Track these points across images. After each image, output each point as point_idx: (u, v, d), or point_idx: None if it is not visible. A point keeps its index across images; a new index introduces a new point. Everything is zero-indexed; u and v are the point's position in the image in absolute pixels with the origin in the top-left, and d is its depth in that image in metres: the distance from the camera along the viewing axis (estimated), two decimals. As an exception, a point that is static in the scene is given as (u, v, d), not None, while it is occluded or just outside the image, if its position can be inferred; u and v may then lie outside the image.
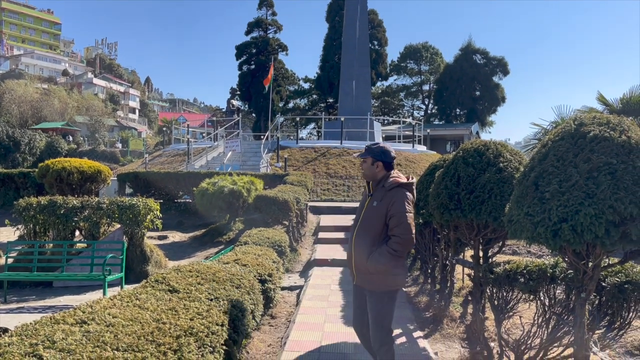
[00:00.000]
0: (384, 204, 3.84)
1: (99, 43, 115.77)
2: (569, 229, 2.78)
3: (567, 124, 3.09)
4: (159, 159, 25.98)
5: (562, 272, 3.81)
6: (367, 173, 4.03)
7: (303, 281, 9.13)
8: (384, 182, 3.93)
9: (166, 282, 3.62)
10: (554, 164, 2.95)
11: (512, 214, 3.22)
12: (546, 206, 2.88)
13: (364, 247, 3.83)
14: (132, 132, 67.75)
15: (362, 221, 3.93)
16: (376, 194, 3.93)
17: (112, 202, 9.79)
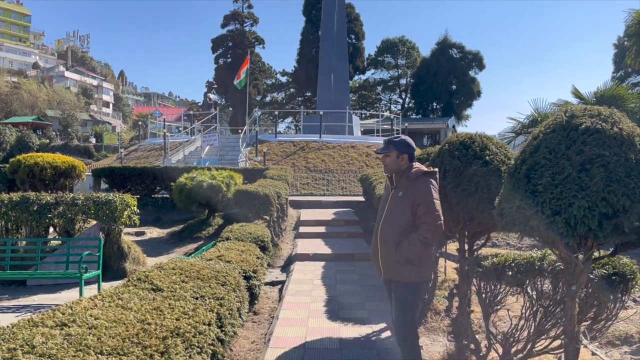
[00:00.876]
0: (409, 193, 3.85)
1: (70, 35, 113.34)
2: (562, 222, 2.75)
3: (558, 116, 3.06)
4: (135, 154, 25.54)
5: (551, 265, 3.81)
6: (392, 167, 4.00)
7: (285, 276, 9.04)
8: (407, 173, 3.94)
9: (149, 280, 3.50)
10: (546, 157, 2.92)
11: (503, 207, 3.19)
12: (539, 199, 2.84)
13: (392, 238, 3.82)
14: (106, 126, 66.48)
15: (387, 213, 3.92)
16: (400, 185, 3.93)
17: (87, 198, 9.55)
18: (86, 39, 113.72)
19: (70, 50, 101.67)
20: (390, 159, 3.98)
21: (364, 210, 14.42)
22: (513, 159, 4.75)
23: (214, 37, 58.74)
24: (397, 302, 3.83)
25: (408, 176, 3.90)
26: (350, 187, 18.56)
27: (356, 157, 20.95)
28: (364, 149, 21.80)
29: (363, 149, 21.79)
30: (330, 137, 22.73)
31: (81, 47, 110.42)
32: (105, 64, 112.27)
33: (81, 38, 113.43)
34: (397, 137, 4.11)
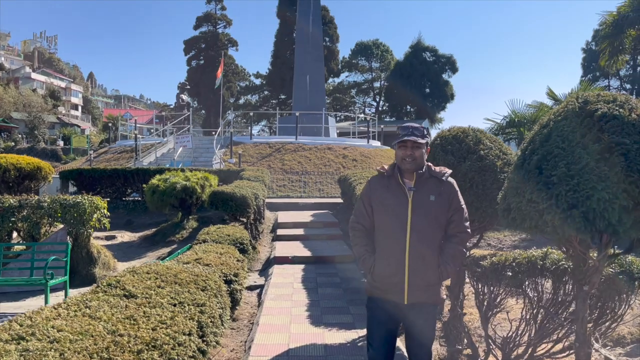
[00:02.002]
0: (444, 197, 3.19)
1: (37, 36, 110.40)
2: (579, 215, 2.51)
3: (570, 102, 2.83)
4: (105, 156, 24.78)
5: (554, 264, 3.59)
6: (420, 162, 3.22)
7: (264, 280, 8.70)
8: (431, 172, 3.25)
9: (121, 285, 3.15)
10: (559, 146, 2.69)
11: (510, 202, 2.95)
12: (553, 191, 2.61)
13: (430, 254, 3.15)
14: (74, 129, 64.79)
15: (414, 222, 3.13)
16: (424, 186, 3.20)
17: (54, 201, 9.06)
18: (54, 40, 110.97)
19: (37, 51, 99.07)
20: (420, 151, 3.21)
21: (343, 211, 14.17)
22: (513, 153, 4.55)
23: (187, 38, 57.90)
24: (426, 325, 3.23)
25: (434, 176, 3.23)
26: (328, 189, 18.29)
27: (333, 158, 20.71)
28: (340, 150, 21.57)
29: (340, 150, 21.56)
30: (307, 139, 22.44)
31: (48, 48, 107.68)
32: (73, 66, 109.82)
33: (48, 39, 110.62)
34: (414, 125, 3.33)
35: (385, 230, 3.23)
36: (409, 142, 3.18)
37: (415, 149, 3.19)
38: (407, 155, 3.19)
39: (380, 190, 3.29)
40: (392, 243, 3.18)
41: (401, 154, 3.22)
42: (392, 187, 3.24)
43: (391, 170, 3.31)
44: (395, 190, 3.23)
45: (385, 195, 3.25)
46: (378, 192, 3.29)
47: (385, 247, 3.23)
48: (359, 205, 3.41)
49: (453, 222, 3.20)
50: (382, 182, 3.30)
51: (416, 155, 3.20)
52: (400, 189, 3.21)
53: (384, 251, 3.22)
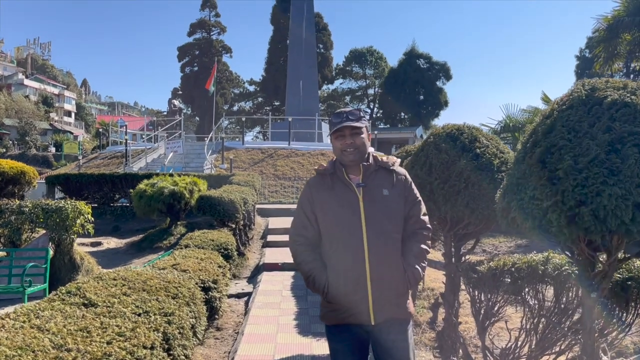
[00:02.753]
0: (398, 189, 2.72)
1: (30, 43, 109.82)
2: (589, 214, 2.24)
3: (576, 90, 2.57)
4: (95, 162, 24.41)
5: (556, 269, 3.32)
6: (363, 150, 2.75)
7: (252, 287, 8.39)
8: (376, 162, 2.78)
9: (81, 293, 2.84)
10: (565, 137, 2.42)
11: (510, 200, 2.67)
12: (559, 187, 2.33)
13: (394, 257, 2.64)
14: (67, 135, 64.28)
15: (369, 221, 2.62)
16: (374, 179, 2.72)
17: (35, 205, 8.75)
18: (47, 47, 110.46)
19: (31, 58, 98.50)
20: (361, 138, 2.74)
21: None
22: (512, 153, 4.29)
23: (180, 45, 57.72)
24: (402, 348, 2.65)
25: (383, 167, 2.77)
26: (320, 195, 17.99)
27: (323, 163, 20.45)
28: (333, 156, 21.32)
29: (332, 155, 21.29)
30: (300, 145, 22.17)
31: (42, 55, 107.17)
32: (67, 72, 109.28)
33: (42, 45, 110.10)
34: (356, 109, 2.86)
35: (337, 239, 2.66)
36: (346, 130, 2.72)
37: (355, 136, 2.72)
38: (346, 145, 2.71)
39: (323, 192, 2.76)
40: (346, 252, 2.62)
41: (340, 145, 2.75)
42: (337, 187, 2.72)
43: (332, 167, 2.81)
44: (341, 189, 2.72)
45: (330, 198, 2.72)
46: (321, 195, 2.76)
47: (338, 259, 2.64)
48: (298, 214, 2.85)
49: (412, 217, 2.74)
50: (323, 183, 2.78)
51: (357, 143, 2.72)
52: (347, 187, 2.70)
53: (338, 264, 2.64)
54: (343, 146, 2.75)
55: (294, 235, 2.85)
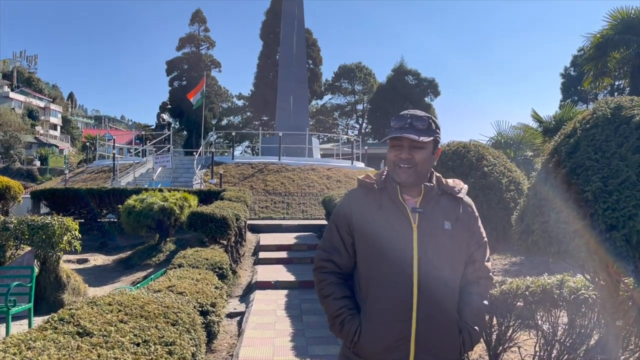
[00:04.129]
0: (464, 224, 2.15)
1: (17, 56, 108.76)
2: (621, 239, 2.13)
3: (599, 108, 2.47)
4: (82, 176, 24.04)
5: (572, 293, 3.20)
6: (424, 170, 2.13)
7: (244, 307, 8.18)
8: (439, 185, 2.20)
9: (75, 320, 2.66)
10: (592, 157, 2.31)
11: (530, 222, 2.56)
12: (587, 210, 2.22)
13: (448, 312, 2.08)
14: (52, 149, 63.58)
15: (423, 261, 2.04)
16: (435, 206, 2.13)
17: (20, 222, 8.51)
18: (34, 60, 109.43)
19: (17, 71, 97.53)
20: (424, 154, 2.11)
21: (327, 234, 13.70)
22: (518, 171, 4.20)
23: (169, 59, 57.62)
24: None
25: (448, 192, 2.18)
26: (311, 211, 17.84)
27: (317, 179, 20.31)
28: (324, 171, 21.20)
29: (323, 171, 21.19)
30: (290, 160, 22.04)
31: (28, 68, 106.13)
32: (53, 86, 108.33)
33: (29, 59, 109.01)
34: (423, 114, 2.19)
35: (377, 276, 2.08)
36: (405, 140, 2.09)
37: (416, 150, 2.09)
38: (402, 158, 2.09)
39: (367, 209, 2.15)
40: (388, 297, 2.05)
41: (393, 157, 2.13)
42: (386, 207, 2.11)
43: (382, 182, 2.18)
44: (391, 211, 2.09)
45: (375, 219, 2.10)
46: (364, 212, 2.14)
47: (378, 302, 2.07)
48: (330, 232, 2.25)
49: (474, 262, 2.17)
50: (369, 197, 2.17)
51: (417, 159, 2.08)
52: (400, 211, 2.08)
53: (377, 310, 2.07)
54: (397, 159, 2.11)
55: (321, 260, 2.25)
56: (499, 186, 3.90)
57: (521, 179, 3.92)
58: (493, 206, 3.83)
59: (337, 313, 2.12)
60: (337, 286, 2.17)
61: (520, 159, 13.56)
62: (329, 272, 2.20)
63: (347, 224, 2.18)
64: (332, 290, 2.17)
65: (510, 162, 4.23)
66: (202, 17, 58.11)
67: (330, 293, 2.17)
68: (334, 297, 2.15)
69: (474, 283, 2.17)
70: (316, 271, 2.25)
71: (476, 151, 4.12)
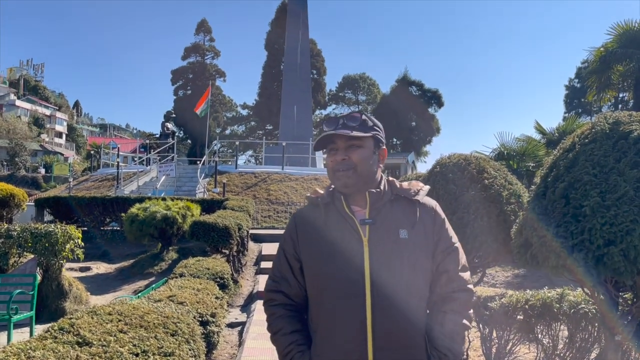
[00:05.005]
0: (424, 229, 1.86)
1: (23, 64, 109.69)
2: (618, 254, 2.13)
3: (598, 123, 2.49)
4: (85, 184, 24.14)
5: (572, 307, 3.19)
6: (366, 171, 1.88)
7: (245, 317, 8.18)
8: (392, 189, 1.93)
9: (75, 330, 2.67)
10: (590, 172, 2.33)
11: (529, 237, 2.56)
12: (585, 224, 2.23)
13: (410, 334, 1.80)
14: (57, 157, 63.89)
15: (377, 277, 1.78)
16: (387, 214, 1.87)
17: (24, 229, 8.55)
18: (40, 68, 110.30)
19: (23, 79, 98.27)
20: (364, 153, 1.88)
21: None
22: (519, 184, 4.21)
23: (174, 68, 57.96)
24: None
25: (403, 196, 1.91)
26: (314, 221, 17.84)
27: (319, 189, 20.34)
28: (327, 181, 21.21)
29: (326, 181, 21.17)
30: (293, 169, 22.09)
31: (35, 76, 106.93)
32: (59, 94, 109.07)
33: (35, 67, 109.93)
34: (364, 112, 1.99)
35: (326, 301, 1.84)
36: (338, 141, 1.87)
37: (352, 149, 1.86)
38: (337, 161, 1.86)
39: (312, 230, 1.92)
40: (339, 325, 1.80)
41: (330, 163, 1.90)
42: (333, 222, 1.87)
43: (329, 195, 1.93)
44: (337, 226, 1.86)
45: (320, 238, 1.87)
46: (309, 233, 1.92)
47: (328, 333, 1.83)
48: (279, 259, 2.05)
49: (443, 272, 1.85)
50: (315, 215, 1.94)
51: (354, 159, 1.84)
52: (347, 224, 1.85)
53: (327, 341, 1.83)
54: (333, 164, 1.88)
55: (269, 292, 2.03)
56: (500, 199, 3.91)
57: (522, 192, 3.93)
58: (494, 219, 3.84)
59: (287, 350, 1.90)
60: (286, 319, 1.94)
61: (522, 171, 13.56)
62: (277, 304, 1.98)
63: (293, 247, 1.97)
64: (281, 325, 1.94)
65: (511, 175, 4.23)
66: (207, 27, 58.53)
67: (279, 329, 1.94)
68: (283, 332, 1.93)
69: (447, 298, 1.84)
70: (265, 304, 2.04)
71: (477, 164, 4.13)
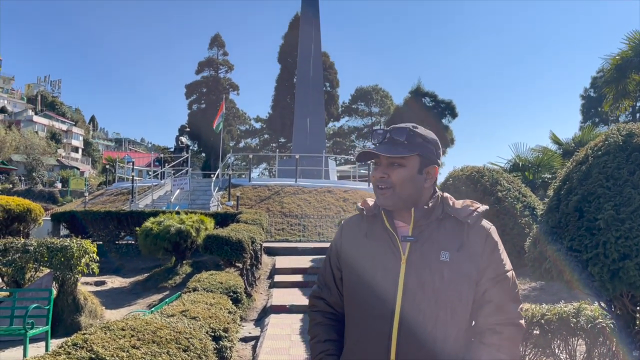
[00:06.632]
0: (470, 255, 1.71)
1: (41, 80, 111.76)
2: (634, 268, 2.10)
3: (611, 135, 2.45)
4: (101, 198, 24.38)
5: (589, 322, 3.13)
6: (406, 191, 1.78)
7: (259, 331, 8.15)
8: (443, 207, 1.82)
9: (88, 346, 2.68)
10: (603, 184, 2.29)
11: (542, 249, 2.53)
12: (600, 238, 2.20)
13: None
14: (74, 171, 64.74)
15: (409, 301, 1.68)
16: (432, 233, 1.75)
17: (40, 244, 8.63)
18: (57, 84, 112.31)
19: (41, 95, 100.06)
20: (401, 173, 1.77)
21: (343, 257, 13.64)
22: (533, 196, 4.17)
23: (188, 83, 58.62)
24: None
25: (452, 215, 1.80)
26: (327, 233, 17.81)
27: (333, 201, 20.31)
28: (340, 193, 21.20)
29: (340, 193, 21.19)
30: (306, 182, 22.11)
31: (52, 92, 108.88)
32: (76, 109, 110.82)
33: (52, 83, 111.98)
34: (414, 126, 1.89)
35: (356, 315, 1.79)
36: (382, 157, 1.79)
37: (392, 168, 1.77)
38: (377, 178, 1.80)
39: (353, 240, 1.87)
40: (364, 340, 1.74)
41: (372, 179, 1.84)
42: (375, 236, 1.80)
43: (375, 208, 1.86)
44: (378, 240, 1.78)
45: (360, 250, 1.81)
46: (351, 243, 1.87)
47: (354, 345, 1.79)
48: (324, 266, 2.02)
49: (487, 303, 1.69)
50: (359, 227, 1.88)
51: (393, 179, 1.76)
52: (389, 240, 1.76)
53: (352, 353, 1.79)
54: (374, 180, 1.83)
55: (312, 297, 2.02)
56: (514, 211, 3.87)
57: (536, 204, 3.89)
58: (507, 232, 3.80)
59: (317, 359, 1.90)
60: (323, 327, 1.93)
61: (538, 182, 13.44)
62: (317, 311, 1.97)
63: (336, 256, 1.94)
64: (317, 332, 1.94)
65: (525, 187, 4.20)
66: (220, 41, 59.20)
67: (315, 335, 1.94)
68: (317, 340, 1.93)
69: (488, 331, 1.67)
70: (308, 309, 2.04)
71: (490, 176, 4.10)
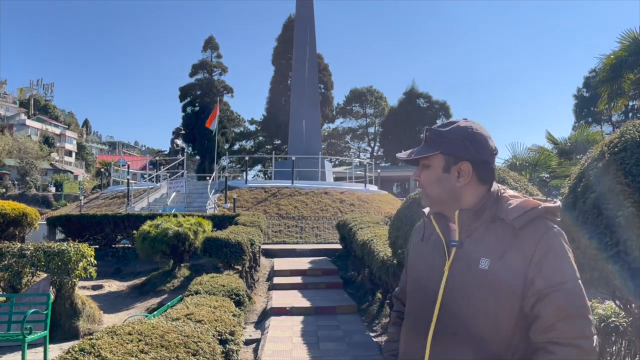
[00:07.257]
0: (515, 263, 1.52)
1: (33, 84, 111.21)
2: (656, 265, 2.07)
3: (627, 131, 2.42)
4: (96, 202, 24.23)
5: (602, 320, 3.10)
6: (433, 193, 1.71)
7: (260, 334, 8.09)
8: (491, 209, 1.62)
9: (96, 351, 2.62)
10: (622, 181, 2.26)
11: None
12: (620, 236, 2.17)
13: None
14: (67, 175, 64.38)
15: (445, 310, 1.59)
16: (477, 237, 1.61)
17: (37, 248, 8.53)
18: (50, 88, 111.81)
19: (33, 99, 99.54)
20: (427, 174, 1.73)
21: (342, 258, 13.61)
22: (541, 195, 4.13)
23: (182, 85, 58.46)
24: None
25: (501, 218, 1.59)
26: (325, 235, 17.77)
27: (330, 203, 20.27)
28: (337, 195, 21.16)
29: (337, 194, 21.15)
30: (303, 183, 22.05)
31: (45, 96, 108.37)
32: (69, 113, 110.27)
33: (45, 86, 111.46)
34: (450, 122, 1.78)
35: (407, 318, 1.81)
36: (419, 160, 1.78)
37: (423, 170, 1.75)
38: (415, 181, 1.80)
39: (415, 245, 1.86)
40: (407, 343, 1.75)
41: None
42: (429, 239, 1.76)
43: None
44: (431, 244, 1.74)
45: (417, 254, 1.80)
46: (412, 248, 1.87)
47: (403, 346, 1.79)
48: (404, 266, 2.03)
49: (537, 318, 1.48)
50: (420, 231, 1.86)
51: (422, 181, 1.74)
52: (438, 243, 1.69)
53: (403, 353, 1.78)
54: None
55: (393, 296, 2.06)
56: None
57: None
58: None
59: (383, 358, 1.99)
60: (395, 327, 1.95)
61: (536, 182, 13.45)
62: (394, 310, 2.01)
63: (406, 258, 1.96)
64: (391, 331, 2.00)
65: (532, 185, 4.15)
66: (214, 44, 59.08)
67: (388, 334, 2.02)
68: (388, 339, 2.00)
69: (540, 350, 1.48)
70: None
71: (497, 175, 4.06)
